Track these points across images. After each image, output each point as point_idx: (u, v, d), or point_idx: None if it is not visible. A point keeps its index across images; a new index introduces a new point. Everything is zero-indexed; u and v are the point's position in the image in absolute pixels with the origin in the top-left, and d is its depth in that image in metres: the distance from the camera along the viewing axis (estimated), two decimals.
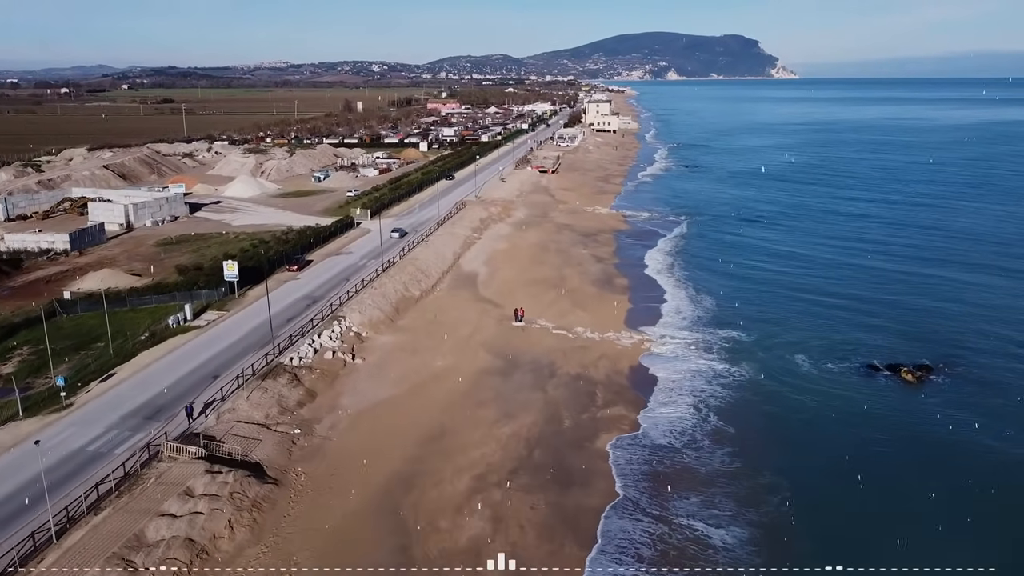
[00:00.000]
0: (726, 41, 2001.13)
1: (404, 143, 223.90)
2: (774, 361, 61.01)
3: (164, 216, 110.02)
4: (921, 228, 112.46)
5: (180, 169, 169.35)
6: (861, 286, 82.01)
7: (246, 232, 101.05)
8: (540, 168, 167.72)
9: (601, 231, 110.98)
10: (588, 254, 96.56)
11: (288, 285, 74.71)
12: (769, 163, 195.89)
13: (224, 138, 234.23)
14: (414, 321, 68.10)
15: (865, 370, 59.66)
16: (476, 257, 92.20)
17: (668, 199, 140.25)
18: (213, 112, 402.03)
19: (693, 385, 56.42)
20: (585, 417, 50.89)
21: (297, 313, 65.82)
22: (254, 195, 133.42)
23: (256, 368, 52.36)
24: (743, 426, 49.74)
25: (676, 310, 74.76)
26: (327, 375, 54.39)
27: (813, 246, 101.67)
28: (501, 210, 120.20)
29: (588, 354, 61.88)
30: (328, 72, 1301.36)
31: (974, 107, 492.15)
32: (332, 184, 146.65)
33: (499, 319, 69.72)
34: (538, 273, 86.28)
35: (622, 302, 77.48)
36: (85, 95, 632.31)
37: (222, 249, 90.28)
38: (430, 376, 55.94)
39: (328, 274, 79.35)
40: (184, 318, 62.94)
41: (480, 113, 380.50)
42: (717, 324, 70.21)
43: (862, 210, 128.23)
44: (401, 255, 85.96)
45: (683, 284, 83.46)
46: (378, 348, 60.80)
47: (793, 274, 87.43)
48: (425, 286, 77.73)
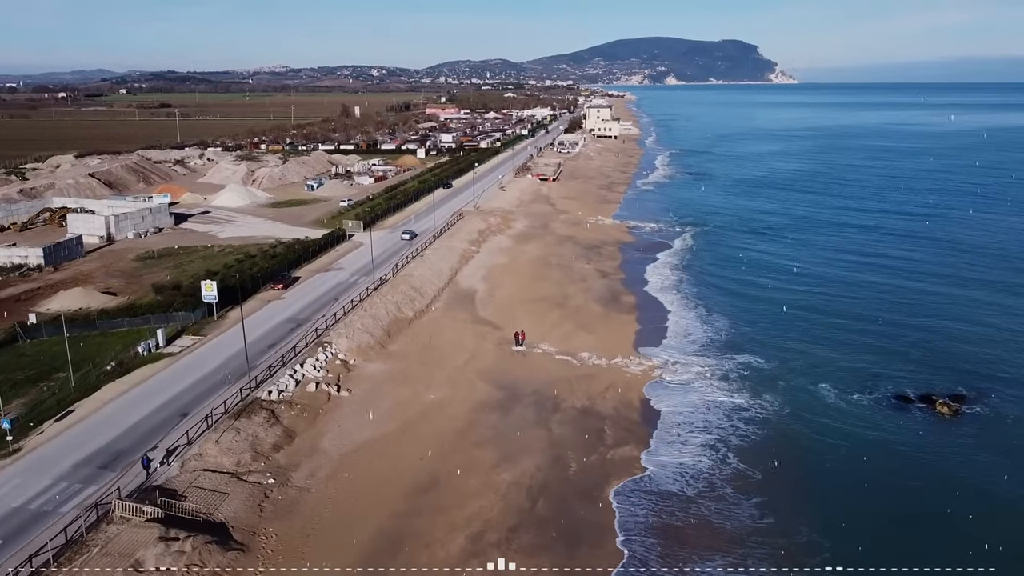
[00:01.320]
0: (725, 46, 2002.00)
1: (401, 150, 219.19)
2: (796, 392, 56.16)
3: (147, 228, 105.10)
4: (937, 242, 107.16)
5: (170, 177, 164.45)
6: (879, 306, 77.01)
7: (232, 245, 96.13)
8: (540, 176, 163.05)
9: (605, 243, 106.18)
10: (592, 269, 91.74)
11: (272, 306, 69.72)
12: (774, 170, 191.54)
13: (218, 144, 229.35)
14: (406, 346, 63.15)
15: (896, 402, 54.83)
16: (474, 273, 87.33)
17: (673, 208, 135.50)
18: (210, 117, 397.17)
19: (710, 420, 51.54)
20: (593, 460, 45.94)
21: (279, 338, 60.81)
22: (244, 204, 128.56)
23: (229, 405, 47.37)
24: (769, 471, 44.78)
25: (686, 331, 69.91)
26: (309, 411, 49.42)
27: (826, 262, 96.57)
28: (500, 221, 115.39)
29: (595, 383, 57.00)
30: (327, 77, 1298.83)
31: (976, 112, 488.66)
32: (325, 193, 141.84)
33: (498, 343, 64.81)
34: (539, 290, 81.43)
35: (629, 322, 72.64)
36: (82, 100, 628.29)
37: (205, 264, 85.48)
38: (422, 411, 51.00)
39: (316, 293, 74.38)
40: (156, 344, 57.98)
41: (479, 118, 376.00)
42: (731, 348, 65.37)
43: (874, 221, 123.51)
44: (394, 271, 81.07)
45: (692, 302, 78.61)
46: (366, 378, 55.83)
47: (807, 292, 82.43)
48: (419, 306, 72.81)
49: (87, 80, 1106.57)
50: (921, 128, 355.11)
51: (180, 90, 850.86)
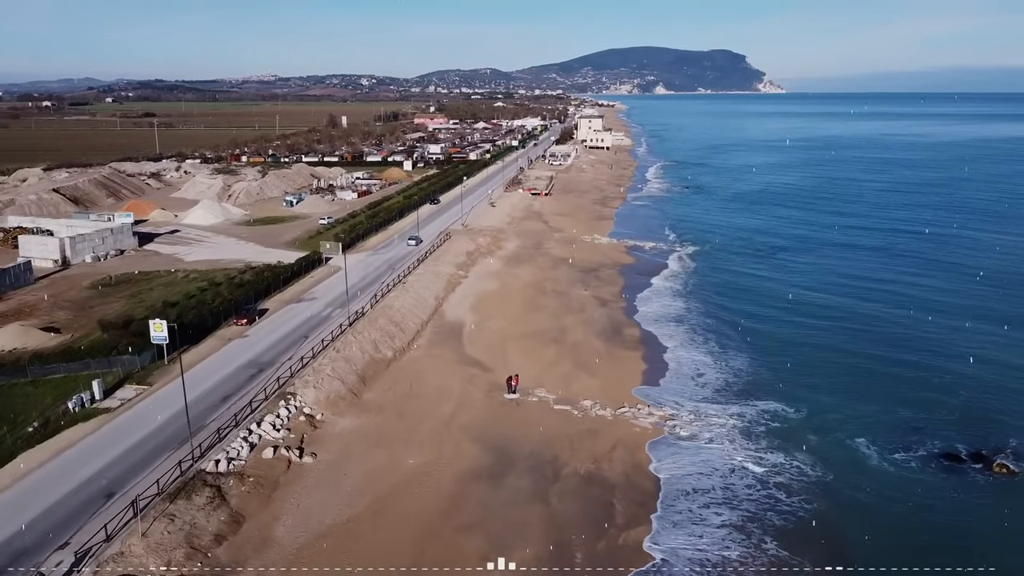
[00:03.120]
0: (713, 56, 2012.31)
1: (387, 161, 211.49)
2: (832, 450, 48.97)
3: (107, 250, 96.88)
4: (959, 269, 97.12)
5: (142, 191, 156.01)
6: (906, 342, 69.65)
7: (198, 270, 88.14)
8: (532, 190, 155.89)
9: (603, 265, 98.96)
10: (590, 296, 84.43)
11: (233, 346, 61.77)
12: (772, 184, 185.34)
13: (196, 156, 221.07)
14: (384, 395, 55.45)
15: (947, 463, 47.72)
16: (462, 302, 79.80)
17: (671, 225, 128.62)
18: (193, 127, 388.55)
19: (737, 489, 44.19)
20: (601, 547, 38.43)
21: (236, 388, 52.93)
22: (217, 222, 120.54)
23: (167, 482, 39.52)
24: (817, 560, 37.40)
25: (697, 372, 62.65)
26: (264, 484, 41.64)
27: (842, 290, 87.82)
28: (491, 241, 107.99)
29: (599, 441, 49.57)
30: (316, 85, 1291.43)
31: (968, 123, 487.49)
32: (305, 209, 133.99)
33: (488, 389, 57.27)
34: (534, 322, 74.00)
35: (634, 360, 65.31)
36: (66, 108, 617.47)
37: (165, 293, 77.63)
38: (399, 482, 43.31)
39: (284, 329, 66.49)
40: (92, 398, 50.03)
41: (468, 129, 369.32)
42: (751, 393, 58.17)
43: (885, 241, 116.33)
44: (373, 302, 73.33)
45: (702, 336, 71.42)
46: (335, 438, 48.09)
47: (826, 326, 74.64)
48: (400, 343, 65.13)
49: (74, 88, 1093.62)
50: (915, 139, 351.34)
51: (167, 99, 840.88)
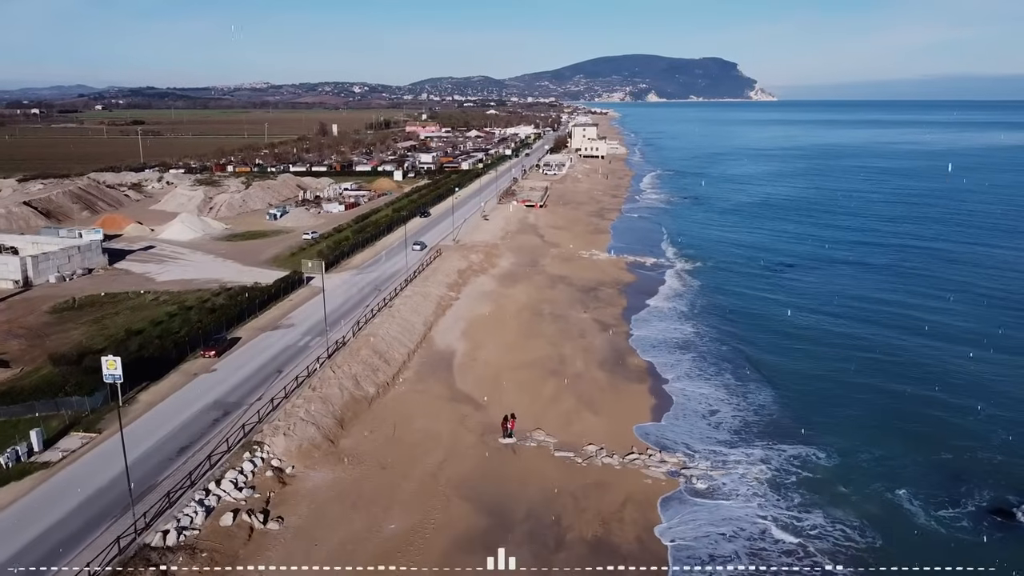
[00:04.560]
0: (705, 64, 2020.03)
1: (377, 171, 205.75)
2: (874, 506, 43.42)
3: (74, 269, 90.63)
4: (972, 288, 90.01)
5: (120, 204, 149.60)
6: (929, 375, 63.52)
7: (169, 292, 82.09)
8: (527, 202, 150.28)
9: (602, 284, 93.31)
10: (590, 319, 78.73)
11: (198, 383, 55.62)
12: (773, 195, 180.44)
13: (180, 166, 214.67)
14: (364, 440, 49.46)
15: (1000, 519, 42.31)
16: (453, 326, 73.94)
17: (672, 239, 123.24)
18: (182, 135, 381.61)
19: (769, 556, 38.44)
20: None
21: (196, 436, 46.79)
22: (195, 237, 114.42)
23: (101, 563, 33.45)
24: None
25: (711, 409, 56.96)
26: (219, 560, 35.60)
27: (858, 315, 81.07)
28: (484, 258, 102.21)
29: (607, 497, 43.75)
30: (309, 93, 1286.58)
31: (964, 131, 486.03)
32: (289, 223, 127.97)
33: (481, 432, 51.37)
34: (530, 351, 68.18)
35: (640, 395, 59.61)
36: (55, 116, 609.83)
37: (131, 319, 71.64)
38: (379, 554, 37.31)
39: (256, 361, 60.38)
40: (29, 450, 43.88)
41: (461, 137, 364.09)
42: (773, 435, 52.51)
43: (895, 260, 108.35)
44: (355, 330, 67.30)
45: (714, 366, 65.79)
46: (306, 496, 42.06)
47: (842, 357, 67.40)
48: (384, 377, 59.16)
49: (65, 96, 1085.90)
50: (913, 148, 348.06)
51: (158, 106, 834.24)
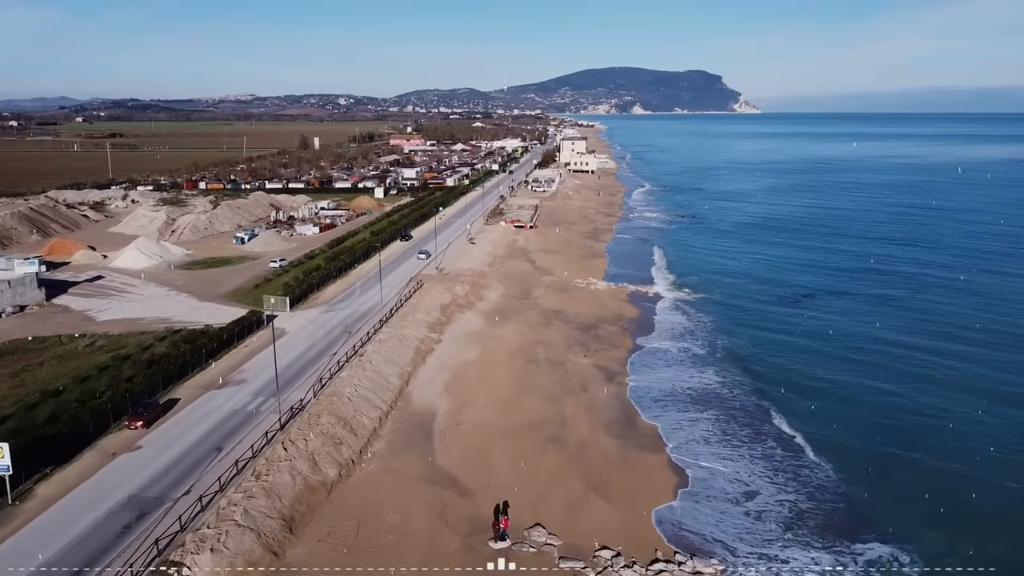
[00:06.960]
0: (690, 76, 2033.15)
1: (358, 188, 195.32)
2: None
3: (3, 307, 79.54)
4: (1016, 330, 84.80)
5: (76, 225, 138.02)
6: (996, 448, 55.06)
7: (109, 334, 71.22)
8: (516, 222, 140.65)
9: (602, 320, 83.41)
10: (591, 365, 68.76)
11: (113, 468, 44.77)
12: (772, 213, 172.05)
13: (149, 182, 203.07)
14: (317, 550, 38.93)
15: None
16: (434, 378, 63.65)
17: (674, 265, 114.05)
18: (160, 149, 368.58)
19: None
20: None
21: (95, 555, 36.00)
22: (151, 265, 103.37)
23: None
24: None
25: (748, 490, 47.11)
26: None
27: (896, 361, 70.88)
28: (470, 289, 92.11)
29: None
30: (293, 105, 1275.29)
31: (954, 144, 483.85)
32: (257, 247, 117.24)
33: (467, 532, 41.05)
34: (525, 409, 58.01)
35: (659, 470, 49.66)
36: (32, 128, 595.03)
37: (54, 372, 61.05)
38: None
39: (193, 434, 49.67)
40: None
41: (446, 151, 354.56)
42: (833, 528, 42.91)
43: (922, 294, 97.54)
44: (316, 390, 56.75)
45: (744, 429, 56.13)
46: None
47: (889, 421, 57.16)
48: (349, 453, 48.70)
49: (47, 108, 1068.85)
50: (908, 162, 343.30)
51: (140, 119, 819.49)
